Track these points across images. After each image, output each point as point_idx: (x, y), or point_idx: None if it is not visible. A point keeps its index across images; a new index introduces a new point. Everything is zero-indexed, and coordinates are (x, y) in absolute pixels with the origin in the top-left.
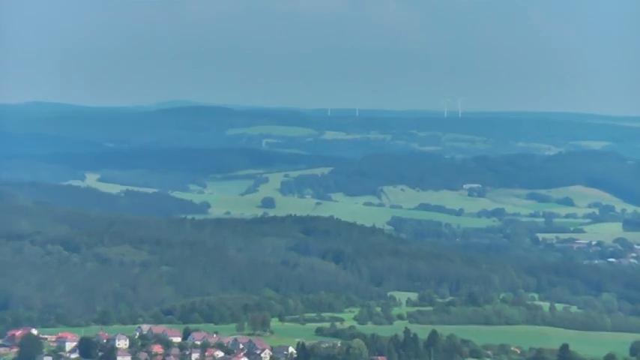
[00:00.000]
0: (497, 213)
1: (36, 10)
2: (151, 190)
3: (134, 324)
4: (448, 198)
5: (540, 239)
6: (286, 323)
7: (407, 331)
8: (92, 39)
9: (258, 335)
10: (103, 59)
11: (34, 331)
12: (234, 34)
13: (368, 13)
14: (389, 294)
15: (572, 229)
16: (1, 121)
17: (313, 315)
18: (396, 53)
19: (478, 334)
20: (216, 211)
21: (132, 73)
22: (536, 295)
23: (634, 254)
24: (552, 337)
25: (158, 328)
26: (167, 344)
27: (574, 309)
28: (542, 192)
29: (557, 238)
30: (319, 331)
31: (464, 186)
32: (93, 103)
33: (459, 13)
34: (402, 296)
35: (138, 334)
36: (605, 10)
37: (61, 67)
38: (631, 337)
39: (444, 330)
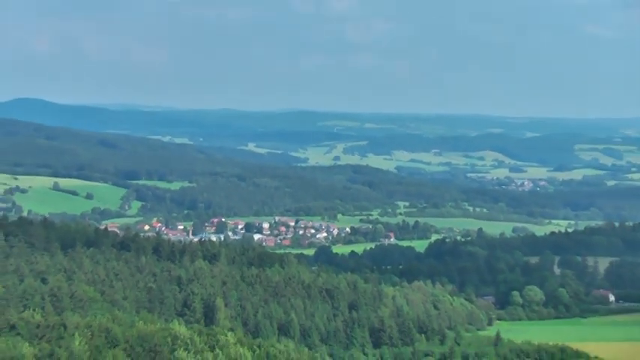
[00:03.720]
0: (448, 164)
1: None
2: (279, 151)
3: (272, 216)
4: (424, 156)
5: (468, 176)
6: (345, 216)
7: (404, 221)
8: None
9: (332, 222)
10: (261, 77)
11: (223, 219)
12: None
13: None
14: (395, 202)
15: (484, 171)
16: (207, 121)
17: (358, 212)
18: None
19: (438, 223)
20: (311, 162)
21: (272, 87)
22: (466, 203)
23: (514, 184)
24: (474, 224)
25: (283, 218)
26: (287, 226)
27: (485, 210)
28: (469, 153)
29: (477, 176)
30: (361, 220)
31: (432, 150)
32: (252, 108)
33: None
34: (401, 204)
35: (273, 220)
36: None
37: (246, 84)
38: (512, 225)
39: (421, 220)
